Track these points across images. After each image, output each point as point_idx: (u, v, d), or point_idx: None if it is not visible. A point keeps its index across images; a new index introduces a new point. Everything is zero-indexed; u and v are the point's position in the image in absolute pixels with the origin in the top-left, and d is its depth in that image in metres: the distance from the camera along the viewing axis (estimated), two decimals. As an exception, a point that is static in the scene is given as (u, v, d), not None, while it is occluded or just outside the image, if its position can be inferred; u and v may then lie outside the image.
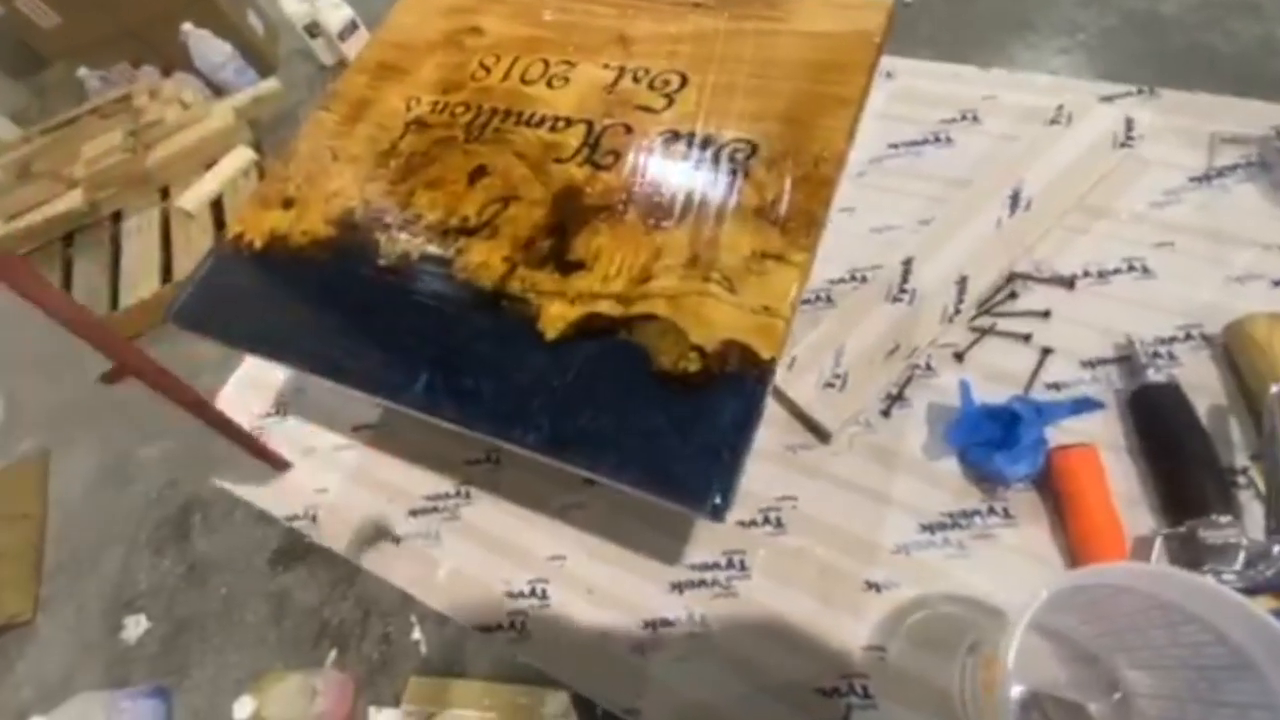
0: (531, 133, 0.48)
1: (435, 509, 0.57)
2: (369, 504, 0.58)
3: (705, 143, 0.44)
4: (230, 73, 2.03)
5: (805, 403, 0.52)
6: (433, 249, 0.45)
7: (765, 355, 0.36)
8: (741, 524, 0.51)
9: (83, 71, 2.04)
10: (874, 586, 0.47)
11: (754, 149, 0.43)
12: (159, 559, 1.56)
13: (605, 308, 0.40)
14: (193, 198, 1.80)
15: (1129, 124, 0.58)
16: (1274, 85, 1.47)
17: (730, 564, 0.50)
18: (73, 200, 1.82)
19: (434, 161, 0.49)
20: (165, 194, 1.90)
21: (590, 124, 0.47)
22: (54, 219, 1.82)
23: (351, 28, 2.02)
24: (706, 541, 0.51)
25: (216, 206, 1.82)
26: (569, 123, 0.48)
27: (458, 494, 0.57)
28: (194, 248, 1.76)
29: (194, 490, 1.59)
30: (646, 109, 0.46)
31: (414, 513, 0.57)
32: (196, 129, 1.89)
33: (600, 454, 0.36)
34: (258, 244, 0.49)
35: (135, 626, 1.46)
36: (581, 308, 0.40)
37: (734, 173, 0.42)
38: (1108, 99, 0.61)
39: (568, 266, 0.42)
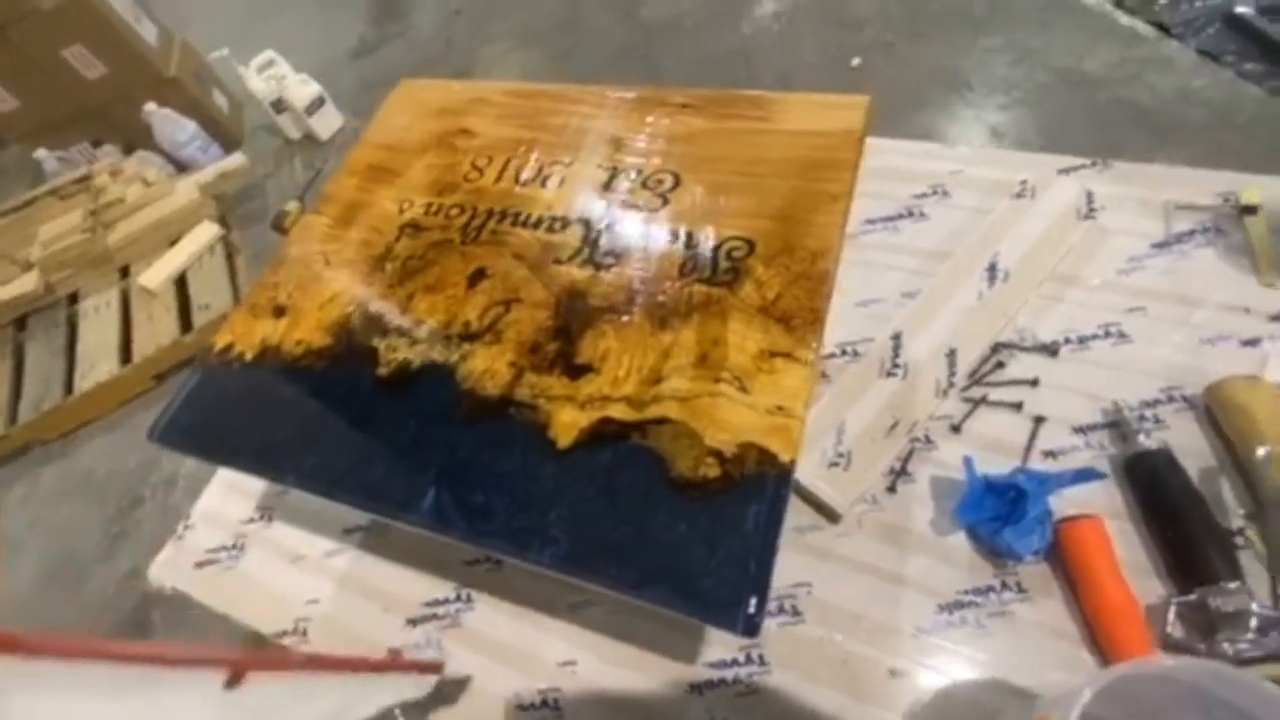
0: (529, 233, 0.48)
1: (435, 616, 0.54)
2: (364, 614, 0.55)
3: (703, 241, 0.45)
4: (194, 150, 2.02)
5: (812, 484, 0.52)
6: (435, 356, 0.44)
7: (784, 458, 0.36)
8: (758, 615, 0.49)
9: (40, 153, 2.00)
10: (898, 674, 0.46)
11: (751, 247, 0.44)
12: (115, 663, 1.45)
13: (617, 412, 0.40)
14: (154, 275, 1.76)
15: (1089, 196, 0.62)
16: (1197, 133, 1.59)
17: (749, 659, 0.48)
18: (27, 283, 1.76)
19: (431, 265, 0.48)
20: (126, 273, 1.85)
21: (588, 224, 0.48)
22: (6, 303, 1.76)
23: (319, 103, 2.05)
24: (723, 637, 0.49)
25: (181, 285, 1.78)
26: (566, 223, 0.48)
27: (458, 598, 0.54)
28: (156, 326, 1.71)
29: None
30: (643, 208, 0.47)
31: (412, 621, 0.54)
32: (159, 206, 1.87)
33: (623, 570, 0.35)
34: (248, 355, 0.47)
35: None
36: (593, 412, 0.40)
37: (734, 271, 0.43)
38: (1065, 171, 0.65)
39: (576, 370, 0.42)
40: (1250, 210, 0.59)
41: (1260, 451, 0.46)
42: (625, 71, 2.08)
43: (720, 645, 0.49)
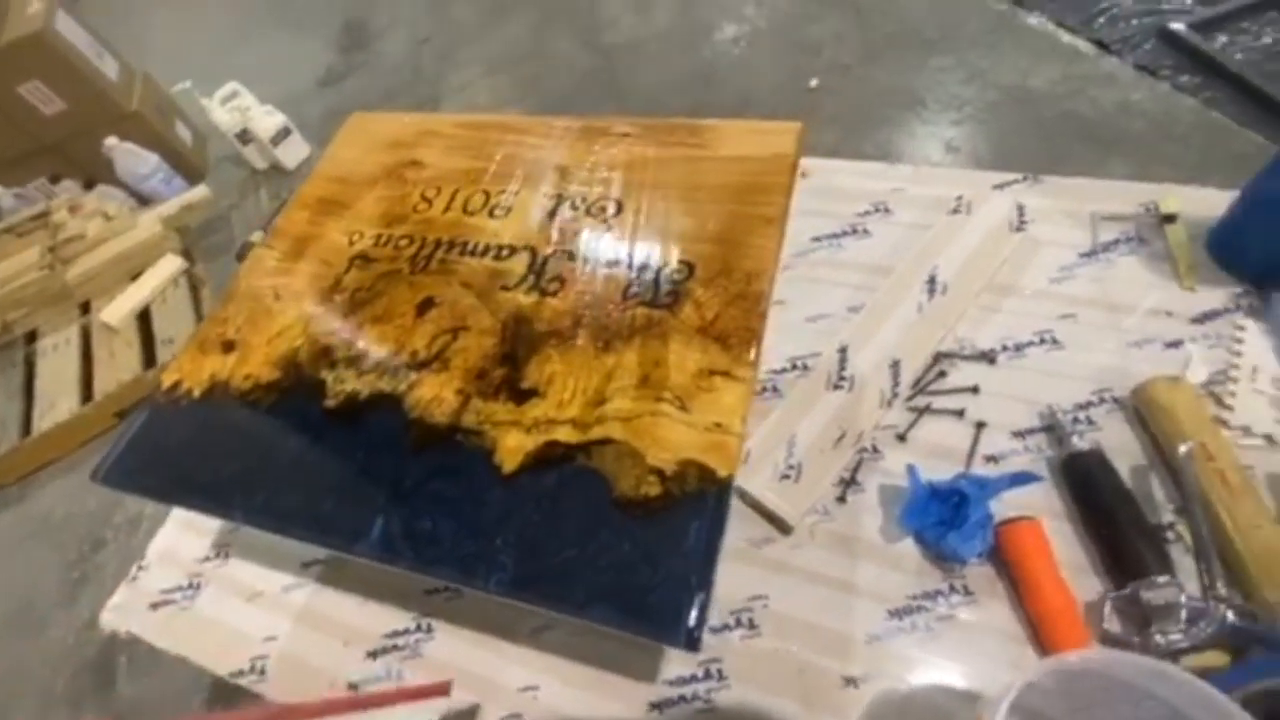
0: (477, 262, 0.49)
1: (395, 647, 0.54)
2: (323, 649, 0.55)
3: (645, 265, 0.46)
4: (157, 182, 2.00)
5: (764, 497, 0.53)
6: (382, 386, 0.45)
7: (722, 473, 0.37)
8: (714, 630, 0.50)
9: (-4, 190, 1.97)
10: (852, 682, 0.47)
11: (691, 269, 0.45)
12: (78, 712, 1.40)
13: (562, 435, 0.40)
14: (116, 310, 1.73)
15: (1020, 210, 0.65)
16: (1138, 143, 1.66)
17: (708, 674, 0.49)
18: (-19, 324, 1.72)
19: (380, 295, 0.49)
20: (86, 309, 1.82)
21: (534, 251, 0.49)
22: (-41, 345, 1.71)
23: (284, 133, 2.05)
24: (682, 654, 0.50)
25: (144, 319, 1.75)
26: (513, 251, 0.49)
27: (418, 628, 0.54)
28: (117, 363, 1.68)
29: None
30: (587, 234, 0.49)
31: (372, 654, 0.54)
32: (121, 240, 1.84)
33: (568, 592, 0.36)
34: (196, 392, 0.47)
35: (51, 801, 1.29)
36: (538, 436, 0.41)
37: (675, 293, 0.44)
38: (999, 187, 0.68)
39: (521, 395, 0.42)
40: (1170, 219, 0.62)
41: (1183, 448, 0.48)
42: (591, 96, 2.12)
43: (679, 662, 0.50)
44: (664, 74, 2.12)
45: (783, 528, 0.53)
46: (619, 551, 0.36)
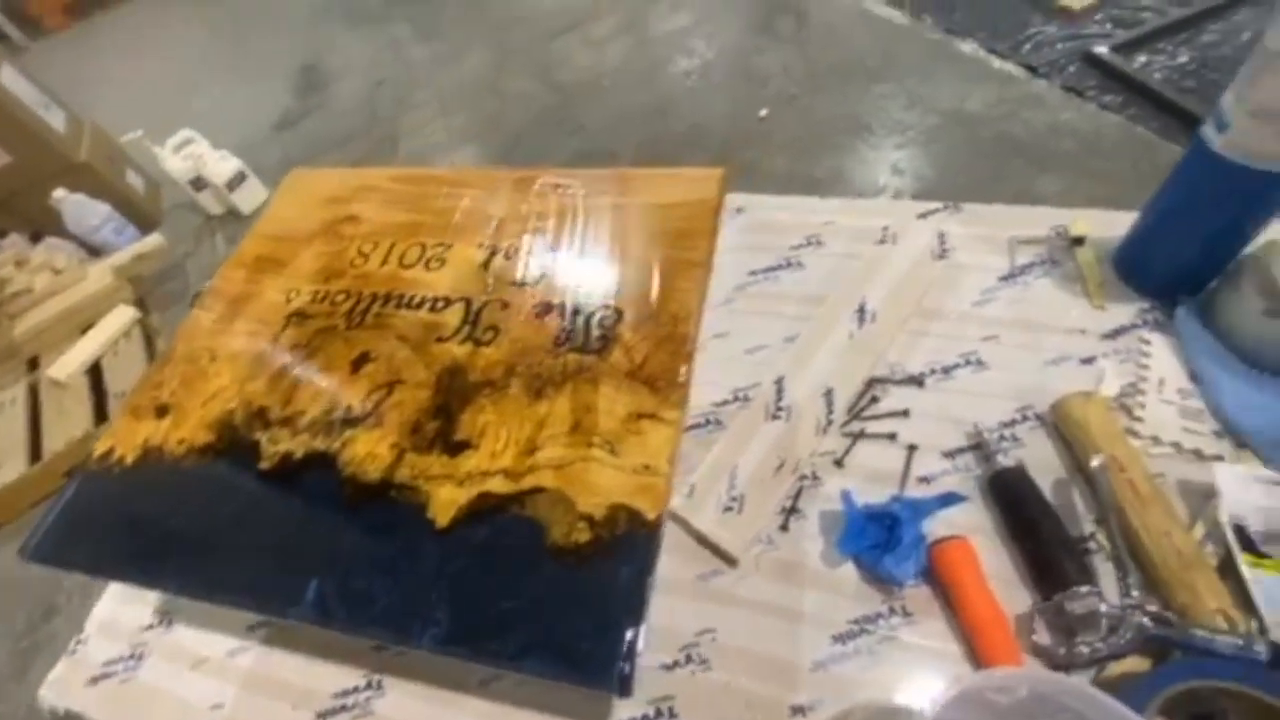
0: (412, 314, 0.50)
1: (344, 707, 0.53)
2: (271, 715, 0.53)
3: (576, 311, 0.48)
4: (108, 233, 1.97)
5: (709, 530, 0.54)
6: (317, 445, 0.45)
7: (650, 515, 0.38)
8: (666, 667, 0.50)
9: (-63, 248, 1.91)
10: (799, 711, 0.48)
11: (620, 314, 0.47)
12: (27, 794, 1.33)
13: (495, 485, 0.41)
14: (64, 365, 1.69)
15: (942, 237, 0.68)
16: (1069, 160, 1.74)
17: (660, 713, 0.49)
18: (-78, 386, 1.66)
19: (316, 352, 0.50)
20: (35, 365, 1.77)
21: (469, 302, 0.50)
22: (-103, 409, 1.65)
23: (240, 178, 2.04)
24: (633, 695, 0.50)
25: (96, 373, 1.71)
26: (448, 302, 0.50)
27: (368, 685, 0.53)
28: (68, 419, 1.63)
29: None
30: (519, 283, 0.50)
31: (322, 715, 0.53)
32: (71, 293, 1.80)
33: (502, 645, 0.36)
34: (129, 459, 0.47)
35: None
36: (471, 489, 0.41)
37: (604, 338, 0.46)
38: (922, 216, 0.72)
39: (455, 447, 0.43)
40: (1079, 241, 0.66)
41: (1095, 461, 0.50)
42: (547, 132, 2.16)
43: (631, 704, 0.50)
44: (619, 108, 2.17)
45: (729, 560, 0.54)
46: (552, 600, 0.37)
